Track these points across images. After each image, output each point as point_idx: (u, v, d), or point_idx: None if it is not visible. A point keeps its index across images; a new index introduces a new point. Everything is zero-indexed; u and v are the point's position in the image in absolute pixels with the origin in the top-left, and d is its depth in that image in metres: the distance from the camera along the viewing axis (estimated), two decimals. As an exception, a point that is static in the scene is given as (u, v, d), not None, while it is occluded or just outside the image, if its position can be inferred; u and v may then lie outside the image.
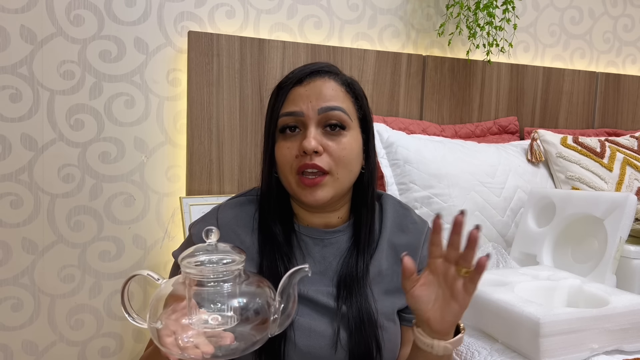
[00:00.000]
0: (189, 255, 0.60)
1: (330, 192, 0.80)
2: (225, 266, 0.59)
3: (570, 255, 1.32)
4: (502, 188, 1.52)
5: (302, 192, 0.80)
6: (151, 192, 1.54)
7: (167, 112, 1.54)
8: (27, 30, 1.39)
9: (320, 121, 0.81)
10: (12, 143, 1.40)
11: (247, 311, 0.59)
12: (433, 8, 1.85)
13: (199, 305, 0.59)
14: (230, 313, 0.58)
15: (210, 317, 0.58)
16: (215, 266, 0.58)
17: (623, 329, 0.94)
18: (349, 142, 0.82)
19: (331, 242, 0.86)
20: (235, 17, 1.59)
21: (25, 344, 1.45)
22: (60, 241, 1.46)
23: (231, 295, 0.59)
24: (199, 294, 0.59)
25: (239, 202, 0.89)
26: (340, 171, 0.81)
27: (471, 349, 0.99)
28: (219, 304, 0.58)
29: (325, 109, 0.80)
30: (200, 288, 0.58)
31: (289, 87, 0.83)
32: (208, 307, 0.58)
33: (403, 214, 0.92)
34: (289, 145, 0.81)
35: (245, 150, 1.56)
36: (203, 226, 0.83)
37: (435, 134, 1.73)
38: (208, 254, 0.60)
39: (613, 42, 2.19)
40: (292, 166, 0.80)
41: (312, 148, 0.78)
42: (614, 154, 1.68)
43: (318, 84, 0.82)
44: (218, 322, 0.58)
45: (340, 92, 0.83)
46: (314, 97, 0.81)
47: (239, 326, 0.59)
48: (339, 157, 0.80)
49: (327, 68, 0.85)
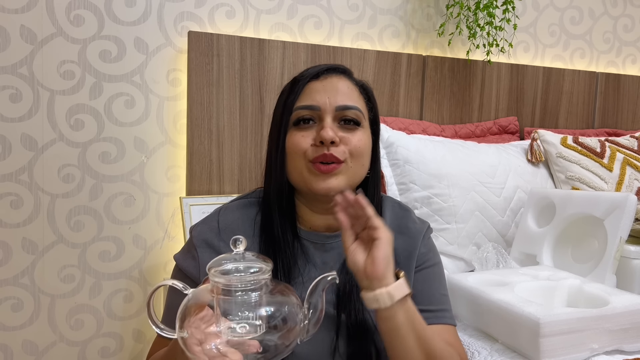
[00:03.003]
0: (217, 264, 0.61)
1: (344, 182, 0.81)
2: (252, 275, 0.59)
3: (570, 255, 1.32)
4: (502, 188, 1.52)
5: (314, 179, 0.80)
6: (151, 192, 1.54)
7: (167, 112, 1.54)
8: (27, 30, 1.39)
9: (337, 116, 0.82)
10: (12, 143, 1.41)
11: (275, 319, 0.60)
12: (433, 8, 1.85)
13: (227, 313, 0.59)
14: (259, 322, 0.59)
15: (238, 326, 0.58)
16: (242, 275, 0.59)
17: (623, 329, 0.94)
18: (363, 136, 0.84)
19: (332, 247, 0.86)
20: (235, 17, 1.59)
21: (25, 344, 1.45)
22: (60, 241, 1.46)
23: (259, 304, 0.59)
24: (227, 302, 0.59)
25: (240, 205, 0.88)
26: (354, 163, 0.82)
27: (471, 349, 0.99)
28: (246, 312, 0.59)
29: (343, 107, 0.82)
30: (228, 297, 0.59)
31: (305, 81, 0.84)
32: (235, 316, 0.59)
33: (402, 216, 0.92)
34: (303, 134, 0.82)
35: (245, 150, 1.56)
36: (204, 228, 0.84)
37: (435, 134, 1.73)
38: (235, 262, 0.60)
39: (613, 42, 2.19)
40: (306, 154, 0.81)
41: (330, 138, 0.79)
42: (614, 154, 1.68)
43: (334, 80, 0.84)
44: (246, 331, 0.58)
45: (355, 92, 0.85)
46: (331, 92, 0.82)
47: (267, 334, 0.59)
48: (354, 148, 0.82)
49: (342, 68, 0.87)
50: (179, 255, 0.86)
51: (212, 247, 0.82)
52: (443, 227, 1.44)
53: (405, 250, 0.87)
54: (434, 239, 1.42)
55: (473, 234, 1.46)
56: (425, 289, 0.87)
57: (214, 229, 0.84)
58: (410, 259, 0.88)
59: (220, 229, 0.84)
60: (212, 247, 0.82)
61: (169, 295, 0.85)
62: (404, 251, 0.87)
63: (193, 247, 0.83)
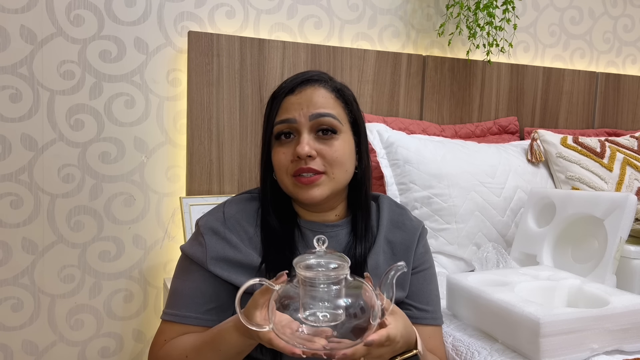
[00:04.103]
0: (302, 260, 0.68)
1: (327, 191, 0.85)
2: (334, 271, 0.66)
3: (570, 255, 1.32)
4: (502, 188, 1.52)
5: (299, 191, 0.85)
6: (151, 192, 1.54)
7: (167, 112, 1.54)
8: (27, 30, 1.39)
9: (313, 127, 0.86)
10: (12, 143, 1.40)
11: (353, 308, 0.67)
12: (433, 8, 1.85)
13: (311, 304, 0.66)
14: (340, 311, 0.66)
15: (321, 314, 0.66)
16: (325, 270, 0.66)
17: (623, 329, 0.94)
18: (341, 144, 0.86)
19: (331, 236, 0.90)
20: (235, 17, 1.59)
21: (25, 344, 1.45)
22: (60, 241, 1.46)
23: (338, 295, 0.67)
24: (311, 293, 0.66)
25: (244, 198, 0.93)
26: (336, 171, 0.86)
27: (471, 349, 0.99)
28: (328, 302, 0.66)
29: (317, 115, 0.85)
30: (312, 288, 0.66)
31: (282, 97, 0.88)
32: (318, 306, 0.66)
33: (399, 213, 0.97)
34: (284, 150, 0.86)
35: (245, 150, 1.56)
36: (210, 219, 0.88)
37: (435, 134, 1.73)
38: (318, 258, 0.68)
39: (613, 42, 2.19)
40: (288, 170, 0.86)
41: (305, 153, 0.83)
42: (614, 154, 1.68)
43: (309, 92, 0.87)
44: (327, 319, 0.66)
45: (330, 99, 0.88)
46: (305, 104, 0.86)
47: (347, 322, 0.66)
48: (332, 159, 0.85)
49: (317, 77, 0.89)
50: (186, 244, 0.90)
51: (218, 234, 0.86)
52: (443, 227, 1.44)
53: (402, 244, 0.92)
54: (434, 238, 1.44)
55: (473, 234, 1.46)
56: (424, 289, 0.93)
57: (219, 218, 0.88)
58: (408, 252, 0.93)
59: (225, 218, 0.88)
60: (218, 234, 0.86)
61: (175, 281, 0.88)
62: (401, 244, 0.92)
63: (200, 234, 0.87)
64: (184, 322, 0.84)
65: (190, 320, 0.84)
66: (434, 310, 0.93)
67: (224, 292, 0.85)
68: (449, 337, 1.04)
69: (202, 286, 0.85)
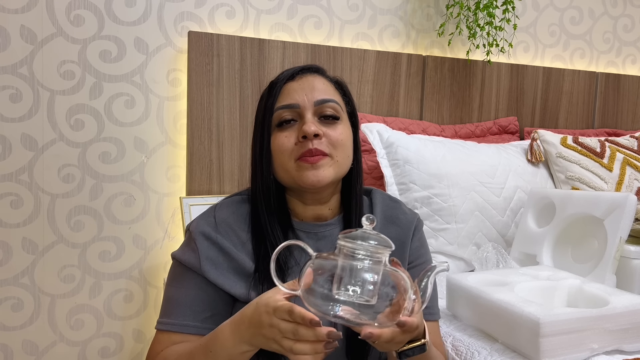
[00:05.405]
0: (347, 232, 0.67)
1: (332, 173, 0.83)
2: (376, 247, 0.65)
3: (570, 255, 1.32)
4: (502, 188, 1.52)
5: (303, 174, 0.82)
6: (151, 192, 1.54)
7: (167, 112, 1.54)
8: (27, 30, 1.40)
9: (316, 112, 0.85)
10: (12, 143, 1.41)
11: (386, 288, 0.65)
12: (433, 8, 1.85)
13: (346, 278, 0.64)
14: (371, 287, 0.64)
15: (351, 289, 0.64)
16: (368, 244, 0.65)
17: (623, 329, 0.94)
18: (344, 129, 0.86)
19: (324, 235, 0.89)
20: (235, 17, 1.59)
21: (25, 344, 1.45)
22: (60, 241, 1.46)
23: (376, 272, 0.65)
24: (349, 266, 0.64)
25: (234, 201, 0.91)
26: (339, 154, 0.84)
27: (471, 349, 0.99)
28: (362, 278, 0.64)
29: (321, 101, 0.85)
30: (351, 261, 0.64)
31: (282, 83, 0.87)
32: (353, 279, 0.64)
33: (392, 207, 0.95)
34: (286, 134, 0.84)
35: (245, 150, 1.56)
36: (201, 224, 0.86)
37: (435, 134, 1.73)
38: (364, 236, 0.66)
39: (613, 42, 2.19)
40: (292, 153, 0.83)
41: (312, 131, 0.81)
42: (613, 154, 1.68)
43: (310, 79, 0.87)
44: (358, 295, 0.63)
45: (330, 87, 0.88)
46: (308, 90, 0.85)
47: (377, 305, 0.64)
48: (337, 141, 0.84)
49: (315, 67, 0.90)
50: (178, 251, 0.87)
51: (210, 239, 0.84)
52: (443, 227, 1.44)
53: (397, 240, 0.89)
54: (434, 238, 1.44)
55: (473, 234, 1.46)
56: None
57: (211, 223, 0.86)
58: (403, 248, 0.92)
59: (217, 223, 0.86)
60: (210, 239, 0.84)
61: (169, 289, 0.86)
62: (396, 240, 0.89)
63: (192, 240, 0.85)
64: (183, 332, 0.81)
65: (188, 329, 0.81)
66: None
67: (220, 300, 0.83)
68: (449, 337, 1.05)
69: (199, 293, 0.82)
